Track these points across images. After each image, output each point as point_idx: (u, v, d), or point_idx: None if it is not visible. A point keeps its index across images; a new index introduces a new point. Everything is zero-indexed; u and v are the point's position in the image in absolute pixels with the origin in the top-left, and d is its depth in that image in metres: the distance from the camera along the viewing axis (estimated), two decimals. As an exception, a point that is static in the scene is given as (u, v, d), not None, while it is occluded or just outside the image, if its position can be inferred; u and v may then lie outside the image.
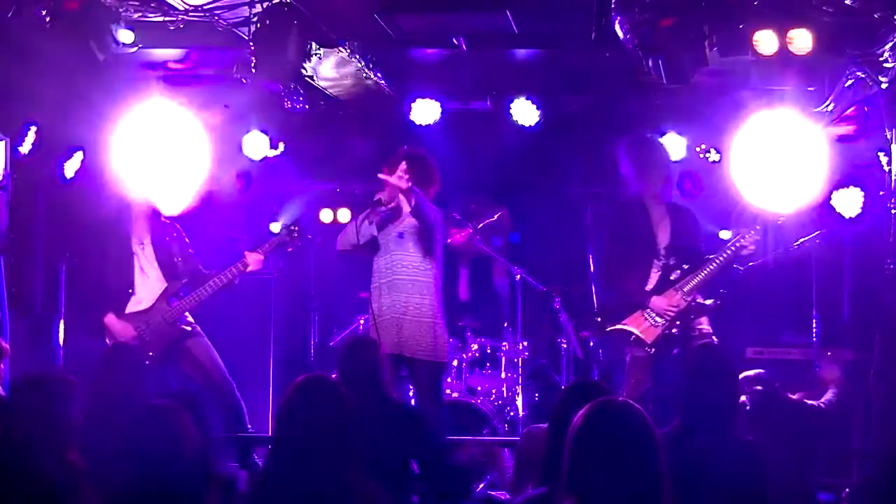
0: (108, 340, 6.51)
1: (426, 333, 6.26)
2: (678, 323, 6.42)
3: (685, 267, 6.52)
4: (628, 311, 6.53)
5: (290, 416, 3.51)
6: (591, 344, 8.28)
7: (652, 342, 6.45)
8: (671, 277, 6.54)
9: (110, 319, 6.53)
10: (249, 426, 6.81)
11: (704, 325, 6.53)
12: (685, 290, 6.47)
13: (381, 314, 6.30)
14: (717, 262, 6.45)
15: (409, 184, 6.07)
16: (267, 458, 3.69)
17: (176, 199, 6.80)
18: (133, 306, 6.61)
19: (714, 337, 6.46)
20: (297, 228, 6.94)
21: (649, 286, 6.53)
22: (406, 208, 6.25)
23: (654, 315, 6.45)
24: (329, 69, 6.94)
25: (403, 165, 6.14)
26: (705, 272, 6.45)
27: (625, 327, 6.55)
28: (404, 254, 6.34)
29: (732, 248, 6.43)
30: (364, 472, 3.46)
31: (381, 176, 6.18)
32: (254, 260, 6.75)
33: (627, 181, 6.71)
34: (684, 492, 3.76)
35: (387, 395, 5.14)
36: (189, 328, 6.68)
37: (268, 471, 3.57)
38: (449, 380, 7.87)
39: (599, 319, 6.79)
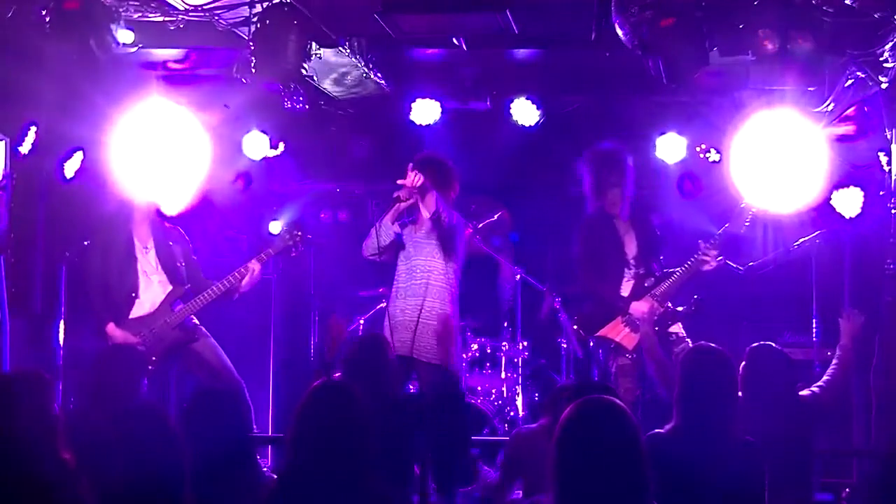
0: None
1: (434, 336, 6.27)
2: (656, 328, 6.42)
3: (657, 275, 6.58)
4: (607, 318, 6.55)
5: (305, 424, 3.46)
6: (591, 344, 8.26)
7: (633, 348, 6.46)
8: (645, 284, 6.58)
9: (111, 329, 6.49)
10: (255, 427, 6.79)
11: (679, 329, 6.56)
12: (658, 295, 6.50)
13: (395, 317, 6.35)
14: (682, 270, 6.52)
15: (422, 180, 6.10)
16: (282, 465, 3.65)
17: (175, 199, 6.78)
18: (137, 310, 6.55)
19: (688, 340, 6.45)
20: (300, 233, 6.86)
21: (624, 294, 6.57)
22: (426, 214, 6.24)
23: (633, 321, 6.46)
24: (329, 70, 6.93)
25: (410, 167, 6.20)
26: (672, 279, 6.53)
27: (605, 336, 6.57)
28: (422, 259, 6.38)
29: (693, 260, 6.47)
30: (379, 477, 3.43)
31: (399, 181, 6.23)
32: (251, 271, 6.66)
33: (587, 197, 6.76)
34: (682, 492, 3.77)
35: (389, 393, 5.13)
36: (194, 331, 6.65)
37: (283, 479, 3.52)
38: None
39: (576, 328, 6.82)
